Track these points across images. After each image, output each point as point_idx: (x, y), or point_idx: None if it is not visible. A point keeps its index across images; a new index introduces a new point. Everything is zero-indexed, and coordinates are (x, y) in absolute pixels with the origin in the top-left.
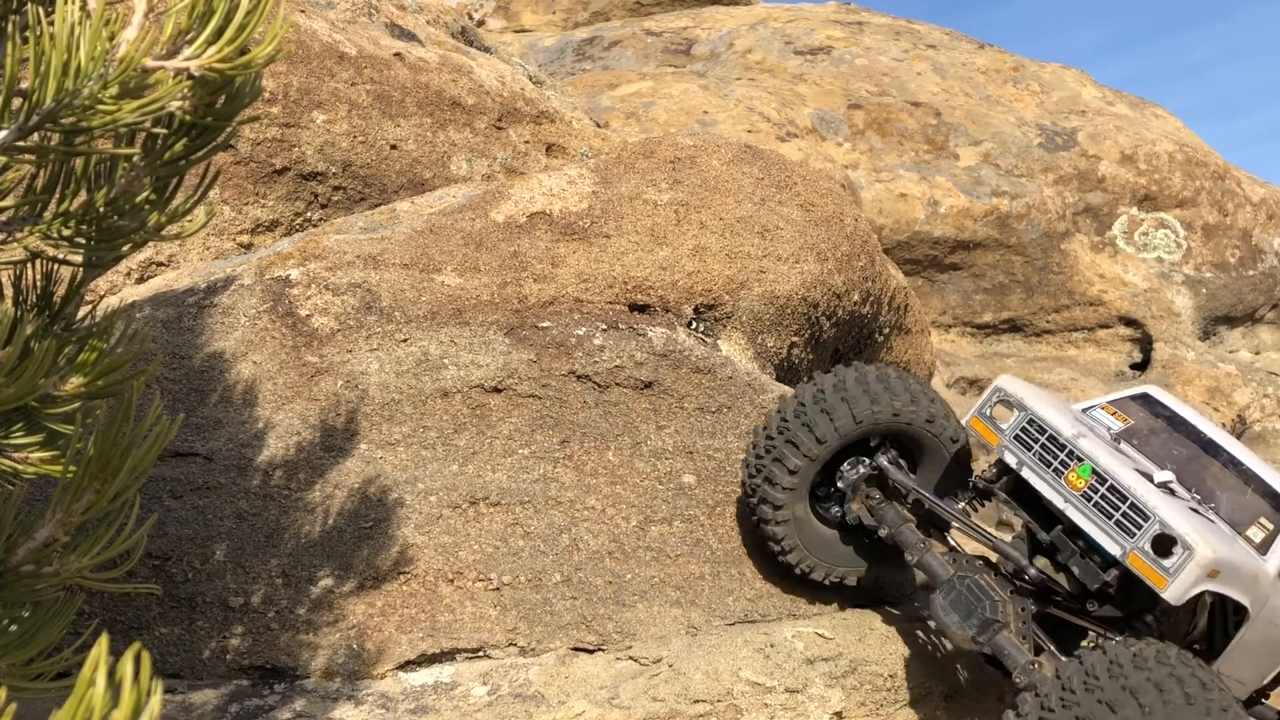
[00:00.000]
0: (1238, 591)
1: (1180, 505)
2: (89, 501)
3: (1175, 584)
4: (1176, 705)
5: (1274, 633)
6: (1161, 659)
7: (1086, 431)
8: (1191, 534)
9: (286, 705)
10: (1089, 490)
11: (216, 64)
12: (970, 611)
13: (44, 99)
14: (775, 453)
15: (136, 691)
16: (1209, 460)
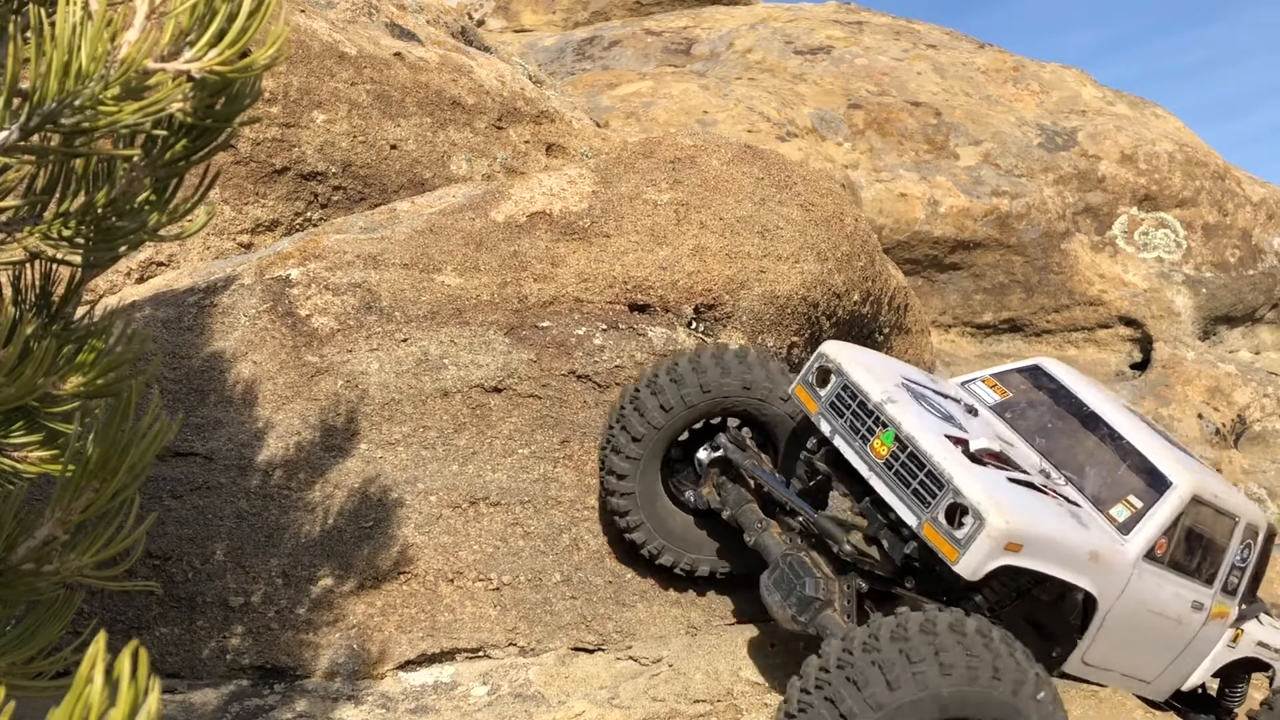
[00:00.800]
0: (1060, 570)
1: (986, 473)
2: (88, 500)
3: (966, 556)
4: (958, 674)
5: (1158, 622)
6: (956, 628)
7: (900, 397)
8: (985, 502)
9: (287, 705)
10: (891, 458)
11: (218, 67)
12: (790, 590)
13: (45, 99)
14: (623, 421)
15: (134, 689)
16: (1086, 434)
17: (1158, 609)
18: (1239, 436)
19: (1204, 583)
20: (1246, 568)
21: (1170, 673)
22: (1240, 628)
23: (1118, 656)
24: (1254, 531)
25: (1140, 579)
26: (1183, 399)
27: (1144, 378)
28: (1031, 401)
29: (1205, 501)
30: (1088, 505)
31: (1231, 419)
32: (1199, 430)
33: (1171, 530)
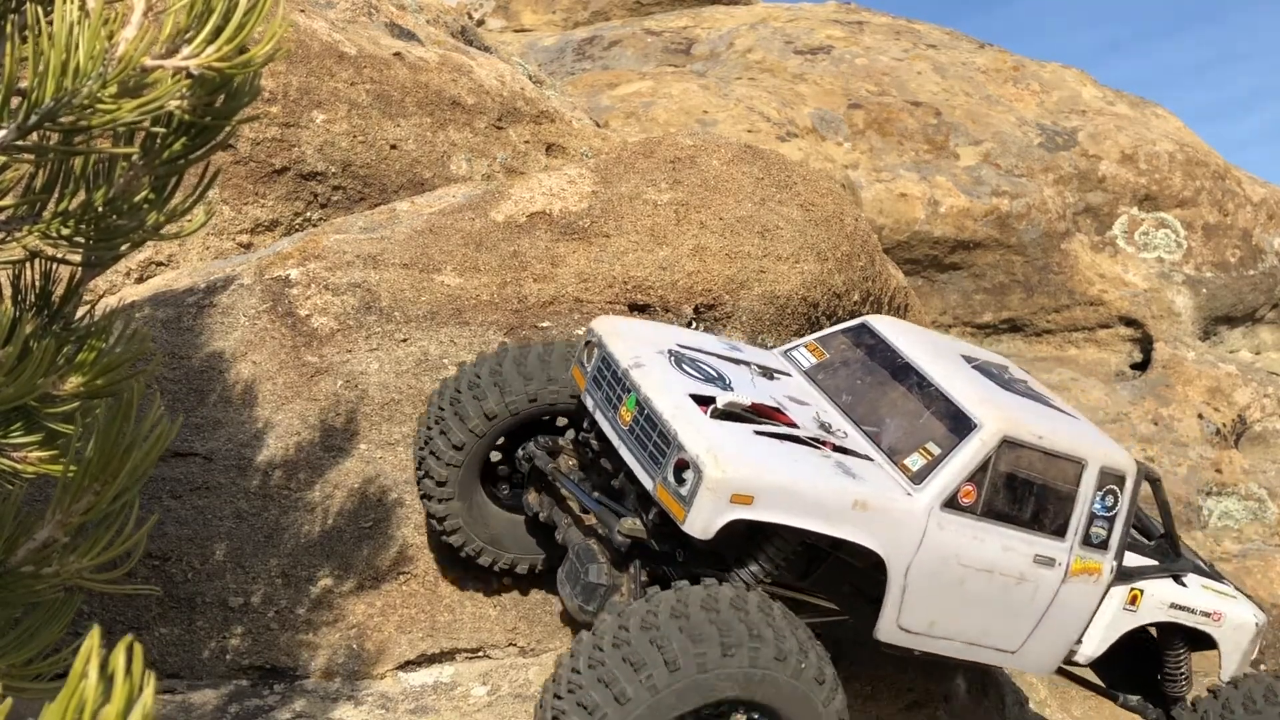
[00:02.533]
0: (811, 522)
1: (721, 427)
2: (89, 503)
3: (691, 513)
4: (709, 648)
5: (990, 580)
6: (736, 604)
7: (652, 361)
8: (703, 454)
9: (286, 705)
10: (633, 423)
11: (215, 63)
12: (576, 580)
13: (43, 98)
14: (442, 425)
15: (129, 684)
16: (894, 386)
17: (983, 565)
18: (1239, 436)
19: (1050, 535)
20: (1115, 517)
21: (1039, 640)
22: (1138, 587)
23: (946, 620)
24: (1115, 477)
25: (943, 531)
26: (1183, 399)
27: (1144, 378)
28: (847, 360)
29: (1026, 444)
30: (881, 457)
31: (1232, 419)
32: (1199, 430)
33: (980, 476)
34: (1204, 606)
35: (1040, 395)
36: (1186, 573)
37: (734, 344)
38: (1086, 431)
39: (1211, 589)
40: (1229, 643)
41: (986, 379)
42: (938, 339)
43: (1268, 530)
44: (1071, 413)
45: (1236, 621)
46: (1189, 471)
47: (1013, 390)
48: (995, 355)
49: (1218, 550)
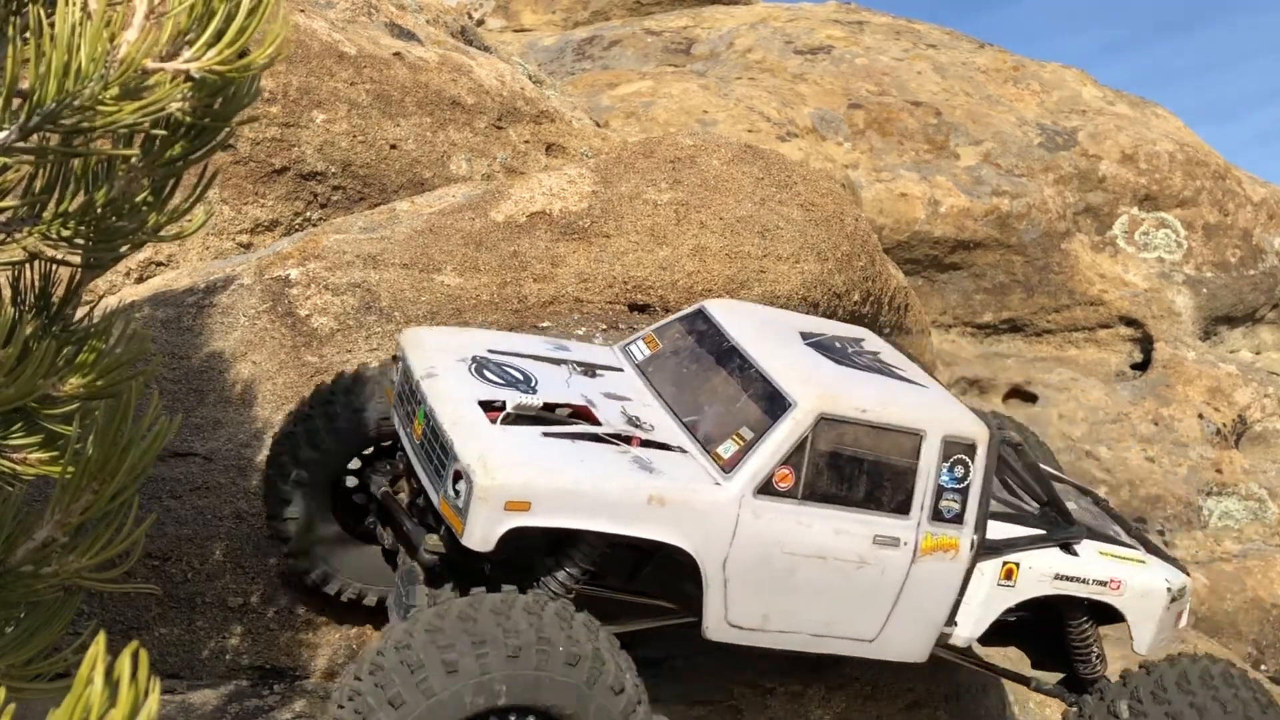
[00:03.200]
0: (601, 523)
1: (503, 433)
2: (88, 502)
3: (468, 525)
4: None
5: (825, 566)
6: (530, 609)
7: (447, 369)
8: (474, 463)
9: (286, 705)
10: (423, 436)
11: (216, 66)
12: (400, 605)
13: (44, 99)
14: (293, 446)
15: (134, 690)
16: (718, 371)
17: (813, 551)
18: (1240, 436)
19: (891, 513)
20: (968, 488)
21: (899, 626)
22: (1012, 560)
23: (782, 613)
24: (962, 446)
25: (759, 519)
26: (1183, 399)
27: (1144, 378)
28: (678, 350)
29: (849, 420)
30: (696, 448)
31: (1232, 419)
32: (1200, 430)
33: (798, 458)
34: (1097, 575)
35: (888, 367)
36: (1079, 539)
37: (562, 343)
38: (929, 401)
39: (1111, 555)
40: (1136, 612)
41: (819, 355)
42: (780, 317)
43: (1268, 530)
44: (923, 383)
45: (1141, 589)
46: (1189, 471)
47: (851, 364)
48: (852, 328)
49: (1218, 550)
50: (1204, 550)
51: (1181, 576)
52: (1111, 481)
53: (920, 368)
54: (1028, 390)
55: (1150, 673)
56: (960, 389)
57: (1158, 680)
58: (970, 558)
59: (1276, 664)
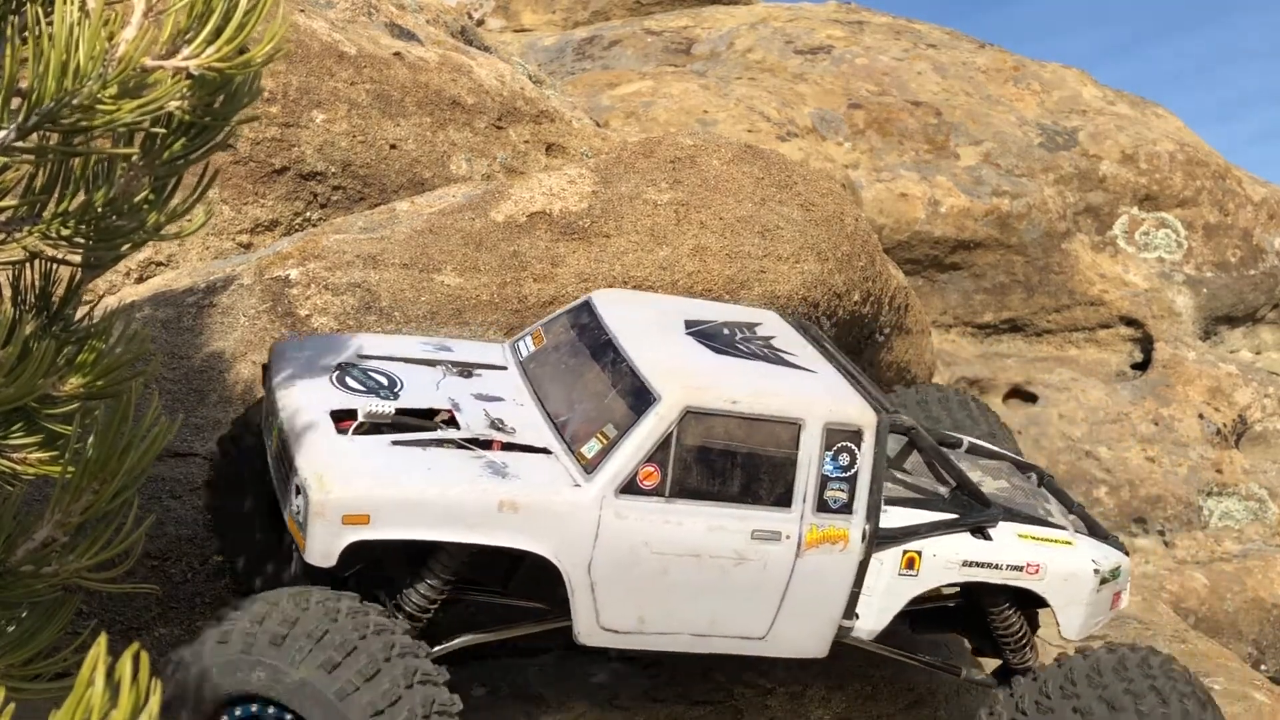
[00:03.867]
0: (447, 533)
1: (346, 443)
2: (88, 502)
3: (308, 541)
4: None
5: (702, 565)
6: (326, 606)
7: (303, 379)
8: (310, 477)
9: None
10: (277, 450)
11: (215, 63)
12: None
13: (43, 99)
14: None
15: (135, 691)
16: (591, 367)
17: (685, 549)
18: (1240, 437)
19: (771, 506)
20: (856, 477)
21: (790, 622)
22: (913, 549)
23: (659, 614)
24: (847, 433)
25: (623, 520)
26: (1183, 399)
27: (1145, 378)
28: (560, 344)
29: (717, 413)
30: (562, 448)
31: (1232, 419)
32: (1200, 430)
33: (663, 455)
34: (1013, 560)
35: (778, 352)
36: (994, 522)
37: (447, 343)
38: (811, 389)
39: (1031, 537)
40: (1059, 597)
41: (699, 344)
42: (671, 306)
43: (1268, 530)
44: (814, 368)
45: (1063, 572)
46: (1189, 471)
47: (734, 352)
48: (756, 311)
49: (1218, 550)
50: (1204, 550)
51: (1115, 557)
52: (1111, 481)
53: (825, 350)
54: (1028, 390)
55: (1061, 665)
56: (960, 389)
57: (1068, 674)
58: (863, 548)
59: (1276, 664)
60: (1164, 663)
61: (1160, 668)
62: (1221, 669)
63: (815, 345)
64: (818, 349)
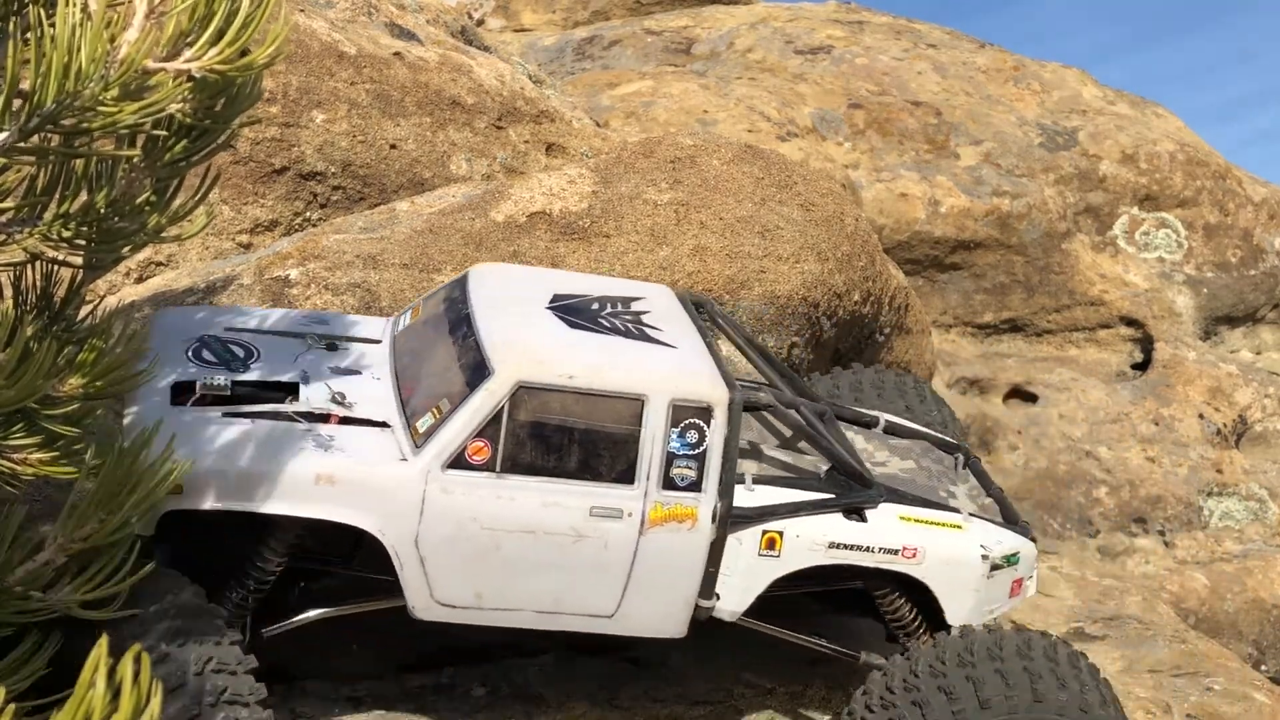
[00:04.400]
0: (263, 505)
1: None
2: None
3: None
4: None
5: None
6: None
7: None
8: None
9: (286, 706)
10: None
11: (217, 65)
12: None
13: (45, 100)
14: None
15: (136, 694)
16: (446, 340)
17: (518, 526)
18: (1240, 437)
19: (612, 483)
20: (705, 454)
21: (639, 601)
22: (775, 529)
23: (497, 590)
24: (695, 410)
25: (450, 495)
26: (1184, 399)
27: (1145, 378)
28: (429, 318)
29: (553, 388)
30: (401, 423)
31: (1233, 419)
32: (1200, 430)
33: (494, 430)
34: (887, 543)
35: (645, 328)
36: (872, 503)
37: (322, 315)
38: (660, 364)
39: (914, 519)
40: (940, 583)
41: (556, 318)
42: (546, 280)
43: (1269, 530)
44: (674, 344)
45: (945, 557)
46: (1189, 472)
47: (593, 327)
48: (646, 286)
49: (1219, 550)
50: (1204, 550)
51: (1013, 543)
52: (1111, 481)
53: (699, 327)
54: (1028, 390)
55: (936, 645)
56: (960, 389)
57: (939, 654)
58: (713, 528)
59: (1277, 664)
60: (1048, 646)
61: (1042, 650)
62: (1221, 669)
63: (696, 323)
64: (696, 326)
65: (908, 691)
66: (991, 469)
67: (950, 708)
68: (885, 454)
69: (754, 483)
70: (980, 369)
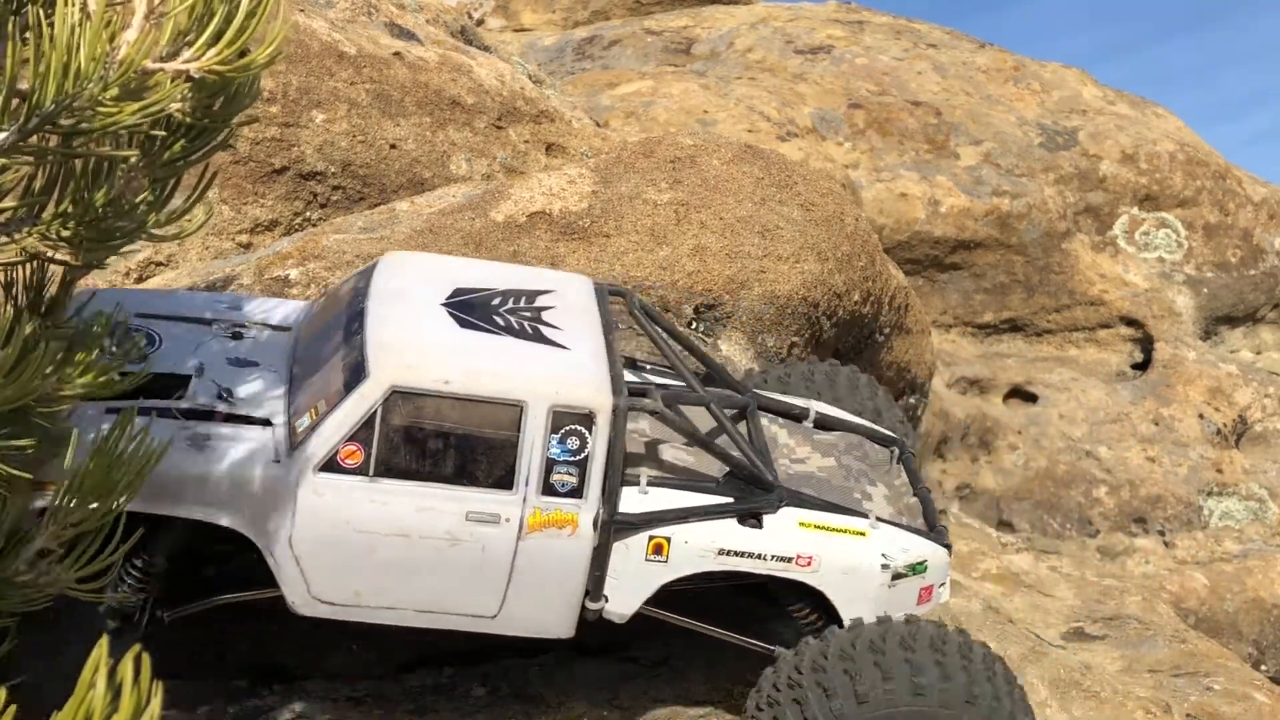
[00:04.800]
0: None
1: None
2: (83, 514)
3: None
4: None
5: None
6: None
7: None
8: None
9: (286, 705)
10: None
11: (216, 66)
12: None
13: (44, 100)
14: None
15: (136, 694)
16: (339, 335)
17: (392, 529)
18: (1240, 437)
19: (490, 488)
20: (587, 461)
21: (522, 604)
22: (662, 535)
23: (375, 590)
24: (576, 416)
25: (323, 498)
26: (1184, 399)
27: (1145, 378)
28: (333, 309)
29: (428, 393)
30: (283, 421)
31: (1233, 419)
32: (1200, 430)
33: (367, 433)
34: (779, 550)
35: (543, 327)
36: (770, 508)
37: (239, 299)
38: (544, 370)
39: (815, 525)
40: (838, 591)
41: (448, 316)
42: (451, 271)
43: (1269, 530)
44: (569, 345)
45: (843, 565)
46: (1189, 471)
47: (487, 327)
48: (554, 279)
49: (1219, 550)
50: (1204, 550)
51: (920, 550)
52: (1112, 481)
53: (605, 323)
54: (1028, 390)
55: (823, 640)
56: (961, 389)
57: (823, 649)
58: (595, 535)
59: (1276, 664)
60: (937, 638)
61: (930, 642)
62: (1221, 669)
63: (604, 319)
64: (602, 322)
65: (791, 688)
66: (992, 469)
67: (828, 704)
68: (807, 450)
69: (650, 485)
70: (980, 369)
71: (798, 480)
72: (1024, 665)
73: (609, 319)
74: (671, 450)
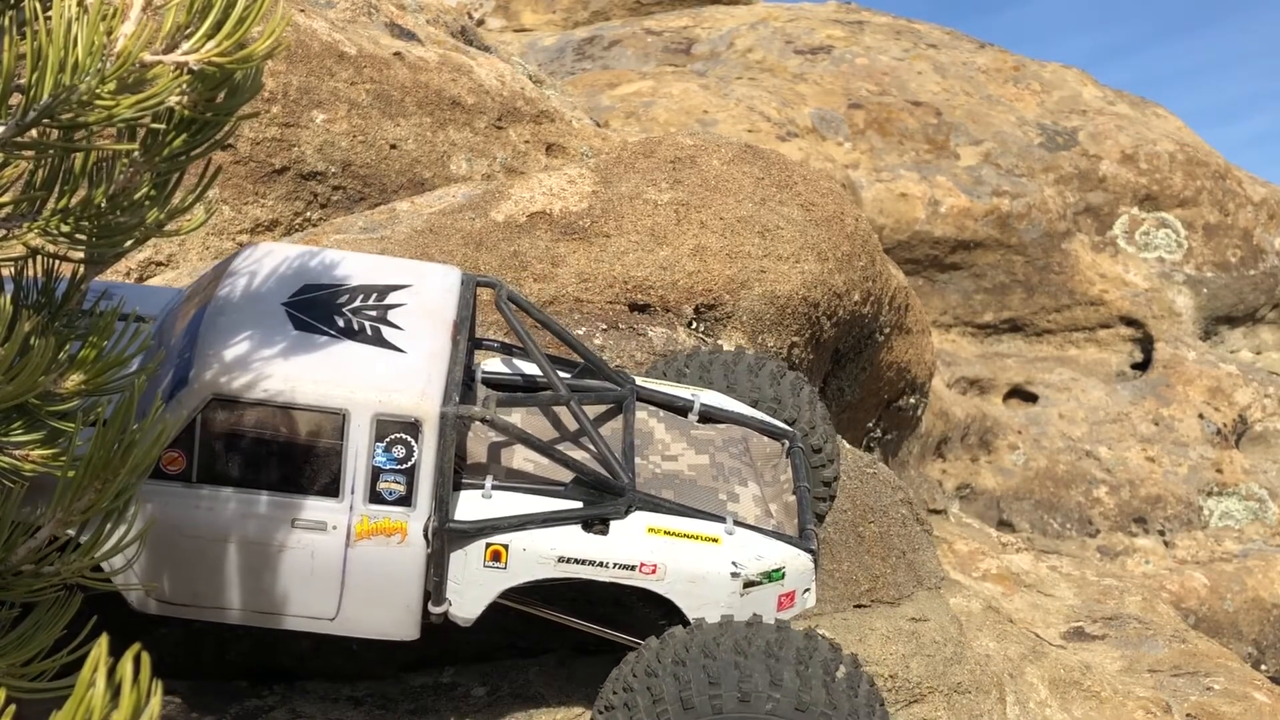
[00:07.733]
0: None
1: None
2: (90, 500)
3: None
4: None
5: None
6: None
7: None
8: None
9: (286, 706)
10: None
11: (215, 58)
12: None
13: (41, 94)
14: None
15: (136, 692)
16: (184, 332)
17: (217, 534)
18: (1240, 436)
19: (317, 495)
20: (414, 470)
21: (358, 608)
22: (499, 542)
23: (212, 592)
24: (402, 425)
25: (150, 504)
26: (1184, 399)
27: (1145, 378)
28: (190, 302)
29: (250, 401)
30: None
31: (1233, 419)
32: (1200, 430)
33: (188, 441)
34: (623, 558)
35: (383, 328)
36: (617, 514)
37: (113, 286)
38: (370, 377)
39: (665, 531)
40: (686, 600)
41: (286, 318)
42: (305, 266)
43: (1268, 530)
44: (410, 350)
45: (690, 573)
46: (1189, 471)
47: (325, 329)
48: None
49: (1219, 550)
50: (1204, 550)
51: (778, 556)
52: (1111, 481)
53: (459, 320)
54: (1028, 390)
55: (661, 643)
56: (961, 389)
57: (658, 652)
58: (425, 541)
59: (1276, 664)
60: (775, 641)
61: (760, 647)
62: (1221, 669)
63: (460, 316)
64: (456, 320)
65: (625, 691)
66: (992, 468)
67: (655, 710)
68: (682, 446)
69: (496, 489)
70: (980, 369)
71: (662, 480)
72: (1024, 665)
73: (466, 315)
74: (526, 451)
